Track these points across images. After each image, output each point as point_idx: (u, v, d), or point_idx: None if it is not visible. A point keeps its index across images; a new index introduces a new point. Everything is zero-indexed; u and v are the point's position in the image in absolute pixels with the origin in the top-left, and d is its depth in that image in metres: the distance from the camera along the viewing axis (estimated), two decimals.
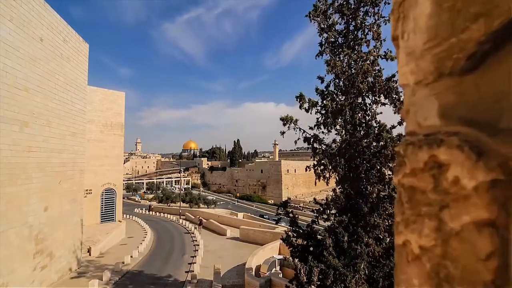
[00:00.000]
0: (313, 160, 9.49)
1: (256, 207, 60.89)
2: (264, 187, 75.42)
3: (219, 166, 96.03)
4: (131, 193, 72.87)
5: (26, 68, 12.29)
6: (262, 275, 14.30)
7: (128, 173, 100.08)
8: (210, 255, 19.98)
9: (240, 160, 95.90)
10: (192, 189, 76.30)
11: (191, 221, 35.02)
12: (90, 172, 22.61)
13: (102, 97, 26.50)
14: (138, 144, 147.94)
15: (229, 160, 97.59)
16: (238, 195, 74.22)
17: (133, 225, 30.56)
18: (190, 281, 14.92)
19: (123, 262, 17.87)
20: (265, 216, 44.02)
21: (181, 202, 48.47)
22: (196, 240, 24.68)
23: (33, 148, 12.80)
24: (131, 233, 26.51)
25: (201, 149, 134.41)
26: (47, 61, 13.85)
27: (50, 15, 14.10)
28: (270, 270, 15.47)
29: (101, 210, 25.81)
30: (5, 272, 11.01)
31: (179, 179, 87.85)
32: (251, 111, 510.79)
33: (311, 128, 9.19)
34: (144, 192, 77.77)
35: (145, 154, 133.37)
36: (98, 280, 13.94)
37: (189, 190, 66.48)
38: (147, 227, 29.56)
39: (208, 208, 48.18)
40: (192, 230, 28.88)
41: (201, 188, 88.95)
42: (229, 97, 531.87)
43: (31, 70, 12.63)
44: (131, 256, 19.27)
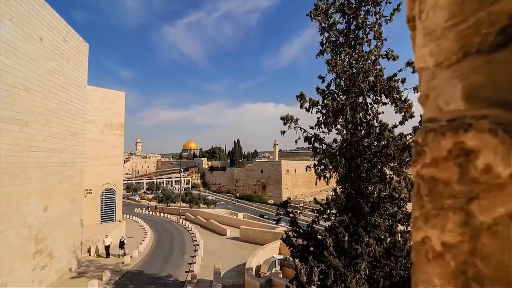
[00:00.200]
0: (314, 160, 9.45)
1: (256, 207, 60.86)
2: (264, 187, 75.37)
3: (219, 166, 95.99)
4: (131, 193, 72.87)
5: (26, 68, 12.26)
6: (262, 275, 14.26)
7: (128, 173, 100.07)
8: (210, 255, 19.95)
9: (240, 160, 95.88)
10: (192, 189, 76.29)
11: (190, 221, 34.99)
12: (90, 172, 22.58)
13: (102, 97, 26.48)
14: (138, 144, 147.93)
15: (229, 160, 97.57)
16: (238, 195, 74.18)
17: (133, 225, 30.54)
18: (190, 281, 14.88)
19: (123, 262, 17.84)
20: (265, 216, 43.97)
21: (181, 202, 48.44)
22: (196, 240, 24.65)
23: (33, 148, 12.77)
24: (131, 233, 26.49)
25: (201, 149, 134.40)
26: (47, 61, 13.82)
27: (50, 15, 14.07)
28: (270, 270, 15.44)
29: (101, 210, 25.78)
30: (5, 272, 10.98)
31: (179, 179, 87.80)
32: (251, 111, 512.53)
33: (312, 128, 9.15)
34: (144, 192, 77.76)
35: (145, 154, 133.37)
36: (98, 280, 13.91)
37: (189, 190, 66.46)
38: (147, 227, 29.54)
39: (208, 208, 48.15)
40: (192, 230, 28.84)
41: (201, 188, 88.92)
42: (229, 98, 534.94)
43: (31, 70, 12.60)
44: (131, 256, 19.24)
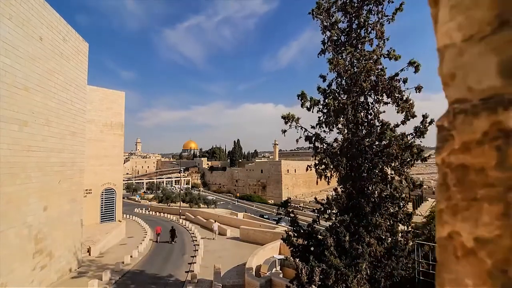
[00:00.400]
0: (314, 160, 9.41)
1: (256, 207, 60.81)
2: (264, 187, 75.32)
3: (219, 166, 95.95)
4: (131, 193, 72.83)
5: (26, 67, 12.23)
6: (263, 275, 14.22)
7: (128, 173, 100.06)
8: (210, 255, 19.90)
9: (240, 160, 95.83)
10: (192, 189, 76.26)
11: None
12: (90, 172, 22.55)
13: (102, 97, 26.45)
14: (138, 144, 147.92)
15: (229, 160, 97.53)
16: (238, 195, 74.14)
17: (133, 225, 30.51)
18: (190, 281, 14.84)
19: (123, 262, 17.80)
20: (265, 216, 43.94)
21: (181, 202, 48.41)
22: (196, 240, 24.61)
23: (33, 148, 12.74)
24: (131, 233, 26.46)
25: (201, 149, 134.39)
26: (47, 60, 13.79)
27: (50, 14, 14.04)
28: (271, 270, 15.39)
29: (101, 210, 25.75)
30: (4, 272, 10.94)
31: (179, 179, 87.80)
32: (251, 112, 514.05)
33: (313, 127, 9.11)
34: (144, 192, 77.75)
35: (145, 154, 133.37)
36: (98, 280, 13.87)
37: (189, 190, 66.45)
38: (147, 227, 29.50)
39: (208, 208, 48.10)
40: (192, 229, 28.80)
41: (201, 188, 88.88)
42: (229, 98, 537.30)
43: (31, 69, 12.57)
44: (131, 256, 19.20)
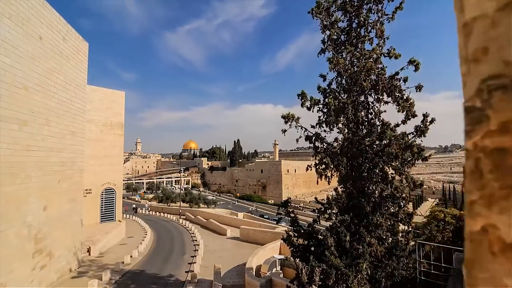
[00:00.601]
0: (315, 159, 9.37)
1: (256, 207, 60.76)
2: (264, 187, 75.28)
3: (219, 166, 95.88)
4: (131, 193, 72.78)
5: (25, 67, 12.19)
6: (263, 275, 14.18)
7: (128, 173, 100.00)
8: (210, 255, 19.86)
9: (240, 160, 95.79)
10: (192, 189, 76.18)
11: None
12: (90, 172, 22.51)
13: (102, 97, 26.41)
14: (138, 144, 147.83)
15: (229, 160, 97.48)
16: (238, 195, 74.07)
17: (133, 225, 30.46)
18: (191, 281, 14.80)
19: (123, 262, 17.76)
20: (265, 216, 43.91)
21: (181, 202, 48.36)
22: (196, 240, 24.57)
23: (32, 147, 12.70)
24: (131, 233, 26.41)
25: (201, 149, 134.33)
26: (46, 60, 13.75)
27: (49, 13, 14.01)
28: (271, 270, 15.36)
29: (101, 210, 25.71)
30: (4, 272, 10.90)
31: (179, 179, 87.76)
32: (250, 112, 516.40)
33: (313, 127, 9.07)
34: (144, 192, 77.66)
35: (145, 154, 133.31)
36: (98, 280, 13.83)
37: (189, 190, 66.36)
38: (147, 227, 29.46)
39: (208, 208, 48.06)
40: (192, 229, 28.75)
41: (201, 188, 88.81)
42: (228, 99, 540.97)
43: (30, 69, 12.53)
44: (131, 256, 19.16)
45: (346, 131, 8.71)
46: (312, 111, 9.01)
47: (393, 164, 8.29)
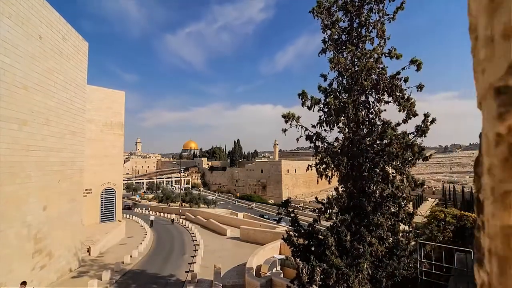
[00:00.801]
0: (315, 159, 9.35)
1: (256, 207, 60.72)
2: (264, 187, 75.22)
3: (219, 166, 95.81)
4: (131, 193, 72.71)
5: (25, 66, 12.17)
6: (263, 275, 14.16)
7: (128, 173, 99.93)
8: (210, 255, 19.84)
9: (240, 160, 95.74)
10: (192, 189, 76.17)
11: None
12: (90, 172, 22.48)
13: (102, 97, 26.38)
14: (138, 144, 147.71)
15: (229, 160, 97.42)
16: (238, 195, 74.03)
17: (133, 225, 30.43)
18: (191, 281, 14.78)
19: (123, 262, 17.74)
20: (265, 216, 43.88)
21: (181, 202, 48.31)
22: (196, 240, 24.55)
23: (32, 147, 12.67)
24: (131, 233, 26.39)
25: (201, 149, 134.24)
26: (46, 59, 13.72)
27: (49, 13, 13.98)
28: (271, 270, 15.33)
29: (101, 210, 25.69)
30: (4, 272, 10.88)
31: (179, 179, 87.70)
32: (250, 112, 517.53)
33: (313, 126, 9.05)
34: (144, 192, 77.59)
35: (145, 154, 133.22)
36: (98, 280, 13.82)
37: (189, 190, 66.36)
38: (147, 227, 29.43)
39: (208, 208, 48.02)
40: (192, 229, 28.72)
41: (201, 188, 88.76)
42: (228, 100, 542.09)
43: (30, 68, 12.50)
44: (131, 256, 19.14)
45: (347, 131, 8.70)
46: (313, 111, 9.00)
47: (394, 164, 8.26)
